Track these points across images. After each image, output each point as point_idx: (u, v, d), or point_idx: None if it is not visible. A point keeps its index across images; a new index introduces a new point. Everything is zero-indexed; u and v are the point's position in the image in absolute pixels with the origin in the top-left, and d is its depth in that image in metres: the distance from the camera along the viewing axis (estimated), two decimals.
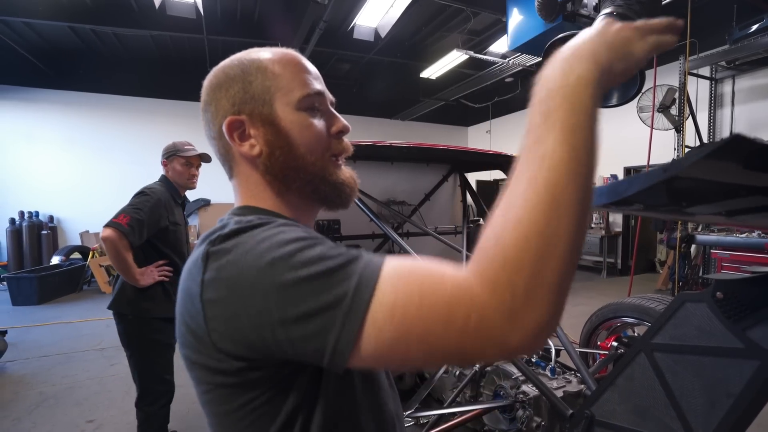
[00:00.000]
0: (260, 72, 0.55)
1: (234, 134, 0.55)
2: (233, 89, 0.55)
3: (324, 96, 0.58)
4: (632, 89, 1.61)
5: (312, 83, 0.57)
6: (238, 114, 0.55)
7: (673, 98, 4.73)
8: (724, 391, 0.84)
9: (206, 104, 0.57)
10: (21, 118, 7.05)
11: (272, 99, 0.55)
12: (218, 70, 0.57)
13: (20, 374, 3.24)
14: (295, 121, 0.55)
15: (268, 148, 0.55)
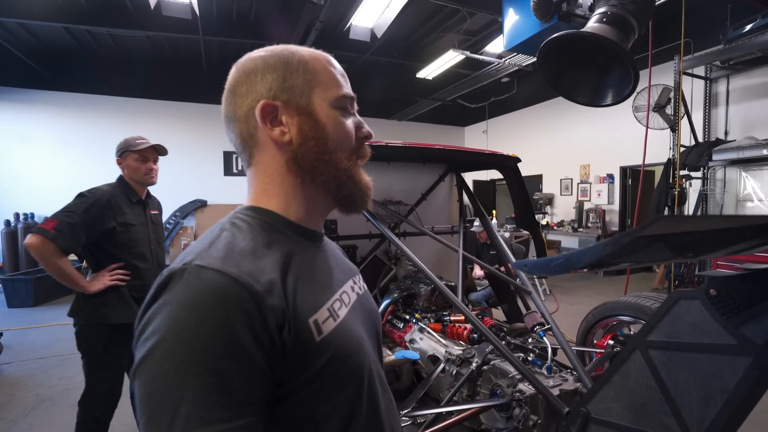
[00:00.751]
0: (302, 65, 0.57)
1: (266, 118, 0.55)
2: (271, 76, 0.55)
3: (354, 100, 0.61)
4: (626, 88, 1.60)
5: (347, 86, 0.60)
6: (273, 100, 0.55)
7: (669, 98, 4.76)
8: (718, 387, 0.85)
9: (237, 84, 0.56)
10: (16, 120, 7.00)
11: (311, 92, 0.56)
12: (255, 57, 0.57)
13: (16, 376, 3.22)
14: (330, 116, 0.57)
15: (301, 138, 0.55)
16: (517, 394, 1.39)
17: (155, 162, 1.95)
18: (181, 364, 0.39)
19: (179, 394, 0.38)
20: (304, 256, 0.56)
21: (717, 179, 5.51)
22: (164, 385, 0.39)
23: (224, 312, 0.42)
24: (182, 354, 0.39)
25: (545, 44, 1.48)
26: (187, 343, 0.40)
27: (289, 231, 0.56)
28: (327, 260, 0.61)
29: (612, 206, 7.31)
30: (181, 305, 0.42)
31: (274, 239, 0.53)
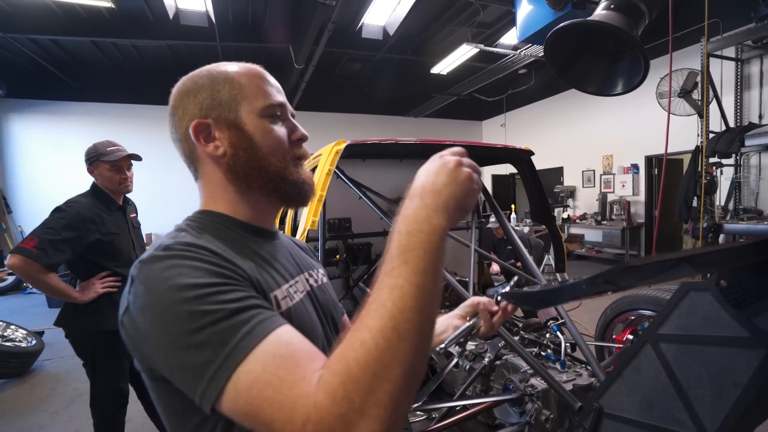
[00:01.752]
0: (227, 82, 0.60)
1: (200, 136, 0.60)
2: (201, 96, 0.60)
3: (285, 107, 0.64)
4: (637, 77, 1.56)
5: (274, 95, 0.62)
6: (205, 118, 0.60)
7: (695, 82, 4.54)
8: (731, 380, 0.83)
9: (174, 108, 0.62)
10: (51, 130, 7.40)
11: (238, 106, 0.60)
12: (187, 79, 0.63)
13: (56, 372, 3.44)
14: (258, 126, 0.60)
15: (232, 149, 0.59)
16: (530, 388, 1.38)
17: (129, 169, 1.87)
18: (188, 300, 0.44)
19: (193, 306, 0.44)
20: (256, 249, 0.60)
21: (751, 166, 5.23)
22: (186, 310, 0.44)
23: (197, 253, 0.49)
24: (184, 292, 0.45)
25: (552, 34, 1.45)
26: (180, 285, 0.45)
27: (239, 229, 0.61)
28: (277, 252, 0.65)
29: (637, 197, 7.05)
30: (163, 268, 0.47)
31: (227, 235, 0.58)
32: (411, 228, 0.44)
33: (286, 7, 5.89)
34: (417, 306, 0.39)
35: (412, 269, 0.41)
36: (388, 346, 0.38)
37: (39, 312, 5.48)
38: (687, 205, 4.53)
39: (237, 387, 0.41)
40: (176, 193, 7.99)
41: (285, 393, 0.39)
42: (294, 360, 0.42)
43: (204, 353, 0.42)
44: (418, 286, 0.40)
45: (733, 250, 0.64)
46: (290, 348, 0.43)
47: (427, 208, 0.45)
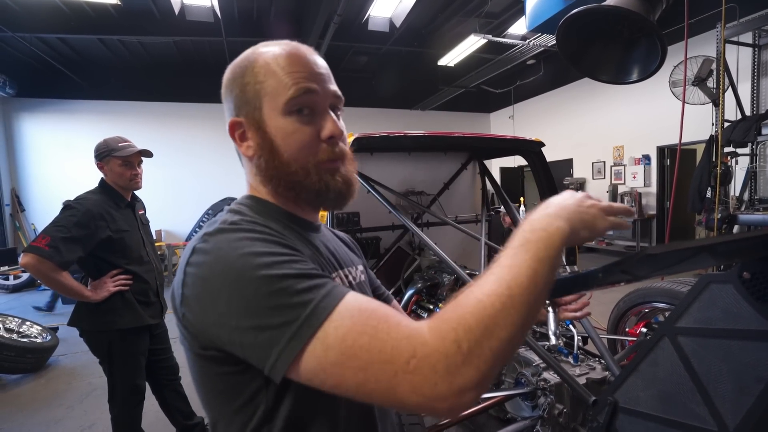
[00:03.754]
0: (252, 75, 0.56)
1: (236, 135, 0.58)
2: (235, 91, 0.58)
3: (316, 94, 0.56)
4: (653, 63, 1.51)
5: (302, 81, 0.55)
6: (237, 115, 0.58)
7: (710, 69, 4.42)
8: (753, 375, 0.80)
9: (223, 99, 0.61)
10: (61, 129, 7.50)
11: (261, 103, 0.56)
12: (228, 69, 0.60)
13: (71, 367, 3.50)
14: (280, 127, 0.55)
15: (258, 152, 0.57)
16: (542, 382, 1.37)
17: (140, 165, 1.88)
18: (263, 265, 0.45)
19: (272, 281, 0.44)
20: (302, 240, 0.59)
21: (767, 155, 5.09)
22: (261, 274, 0.44)
23: (265, 227, 0.51)
24: (258, 251, 0.46)
25: (564, 21, 1.41)
26: (254, 252, 0.46)
27: (283, 218, 0.60)
28: (319, 246, 0.64)
29: (649, 189, 6.94)
30: (234, 239, 0.48)
31: (275, 223, 0.57)
32: (534, 227, 0.48)
33: (292, 1, 5.86)
34: (531, 285, 0.42)
35: (531, 255, 0.44)
36: (502, 308, 0.41)
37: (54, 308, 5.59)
38: (701, 195, 4.43)
39: (326, 342, 0.41)
40: (186, 190, 8.07)
41: (383, 337, 0.41)
42: (382, 312, 0.43)
43: (283, 315, 0.42)
44: (534, 269, 0.43)
45: (756, 239, 0.61)
46: (372, 304, 0.45)
47: (550, 216, 0.49)
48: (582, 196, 0.54)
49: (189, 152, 8.10)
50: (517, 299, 0.41)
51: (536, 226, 0.48)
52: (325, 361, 0.41)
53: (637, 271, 0.53)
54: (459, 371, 0.39)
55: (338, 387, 0.43)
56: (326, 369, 0.42)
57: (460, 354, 0.39)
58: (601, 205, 0.54)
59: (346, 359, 0.41)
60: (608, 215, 0.53)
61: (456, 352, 0.39)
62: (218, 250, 0.47)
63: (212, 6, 5.07)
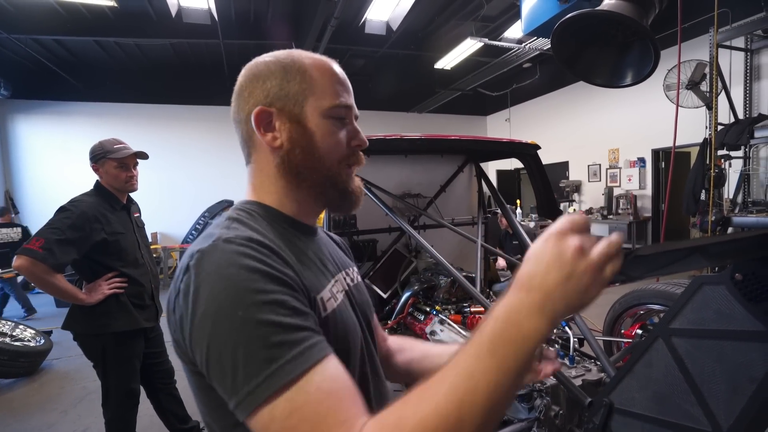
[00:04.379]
0: (299, 74, 0.59)
1: (261, 124, 0.59)
2: (270, 83, 0.59)
3: (351, 109, 0.62)
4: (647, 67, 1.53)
5: (343, 96, 0.61)
6: (269, 106, 0.58)
7: (703, 73, 4.47)
8: (746, 375, 0.81)
9: (241, 89, 0.61)
10: (57, 131, 7.46)
11: (305, 101, 0.58)
12: (260, 62, 0.61)
13: (65, 370, 3.47)
14: (320, 125, 0.59)
15: (290, 144, 0.58)
16: (538, 384, 1.37)
17: (135, 167, 1.87)
18: (245, 306, 0.44)
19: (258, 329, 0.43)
20: (299, 245, 0.60)
21: (760, 158, 5.15)
22: (242, 317, 0.43)
23: (258, 252, 0.49)
24: (242, 296, 0.45)
25: (559, 25, 1.43)
26: (240, 288, 0.45)
27: (284, 224, 0.60)
28: (320, 251, 0.65)
29: (644, 191, 6.99)
30: (225, 264, 0.47)
31: (275, 231, 0.58)
32: (511, 319, 0.40)
33: (289, 4, 5.87)
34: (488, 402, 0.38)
35: (496, 364, 0.39)
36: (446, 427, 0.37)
37: (47, 311, 5.55)
38: (695, 198, 4.47)
39: (273, 412, 0.41)
40: (182, 193, 8.04)
41: (323, 430, 0.40)
42: (337, 399, 0.42)
43: (248, 366, 0.42)
44: (496, 383, 0.38)
45: (748, 240, 0.62)
46: (335, 384, 0.43)
47: (531, 306, 0.40)
48: (571, 255, 0.39)
49: (185, 154, 8.08)
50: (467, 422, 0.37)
51: (511, 317, 0.40)
52: (269, 430, 0.41)
53: (629, 272, 0.53)
54: None
55: None
56: None
57: None
58: (595, 261, 0.39)
59: None
60: (604, 268, 0.39)
61: None
62: (207, 273, 0.47)
63: (209, 8, 5.07)
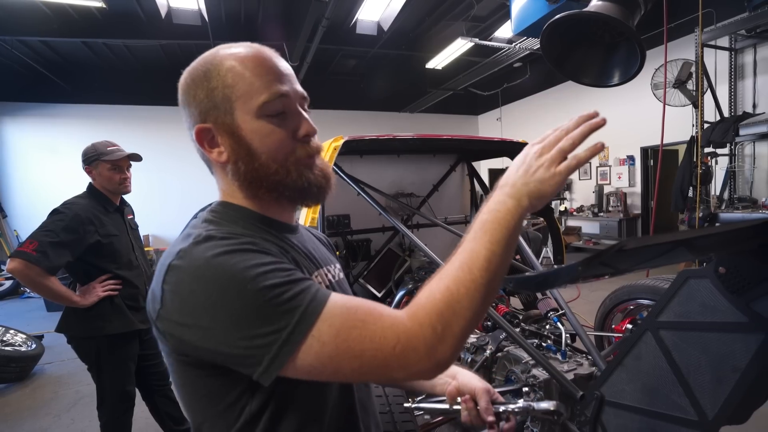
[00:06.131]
0: (220, 77, 0.55)
1: (204, 142, 0.57)
2: (199, 95, 0.56)
3: (289, 97, 0.57)
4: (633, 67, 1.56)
5: (274, 85, 0.56)
6: (204, 121, 0.56)
7: (690, 72, 4.55)
8: (730, 366, 0.84)
9: (182, 105, 0.59)
10: (45, 133, 7.35)
11: (233, 107, 0.55)
12: (187, 72, 0.59)
13: (58, 375, 3.43)
14: (255, 129, 0.55)
15: (233, 157, 0.57)
16: (531, 379, 1.39)
17: (128, 170, 1.87)
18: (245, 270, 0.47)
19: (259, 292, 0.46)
20: (276, 242, 0.59)
21: (745, 155, 5.26)
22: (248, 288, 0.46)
23: (240, 239, 0.51)
24: (240, 267, 0.47)
25: (547, 26, 1.46)
26: (237, 267, 0.47)
27: (260, 223, 0.60)
28: (299, 246, 0.65)
29: (634, 189, 7.09)
30: (212, 255, 0.48)
31: (252, 228, 0.58)
32: (491, 208, 0.52)
33: (279, 4, 5.85)
34: (489, 266, 0.49)
35: (488, 238, 0.50)
36: (467, 293, 0.48)
37: (38, 316, 5.47)
38: (683, 195, 4.56)
39: (321, 339, 0.46)
40: (174, 194, 7.97)
41: (371, 328, 0.47)
42: (365, 306, 0.49)
43: (273, 323, 0.45)
44: (491, 251, 0.49)
45: (731, 233, 0.64)
46: (356, 300, 0.50)
47: (504, 195, 0.52)
48: (532, 156, 0.53)
49: (176, 156, 7.99)
50: (479, 281, 0.48)
51: (491, 206, 0.52)
52: (323, 355, 0.46)
53: (616, 264, 0.55)
54: (436, 350, 0.47)
55: (336, 374, 0.48)
56: (324, 362, 0.47)
57: (435, 336, 0.47)
58: (548, 157, 0.52)
59: (341, 351, 0.46)
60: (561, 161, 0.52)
61: (432, 335, 0.47)
62: (196, 266, 0.47)
63: (199, 9, 5.04)
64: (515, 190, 0.52)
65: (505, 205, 0.51)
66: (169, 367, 0.55)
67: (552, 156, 0.52)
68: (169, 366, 0.55)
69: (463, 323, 0.48)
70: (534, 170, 0.52)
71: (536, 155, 0.53)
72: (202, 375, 0.51)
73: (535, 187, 0.51)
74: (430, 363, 0.47)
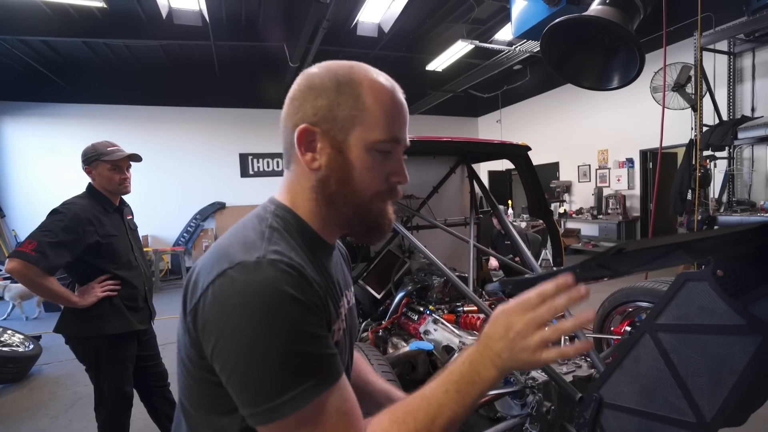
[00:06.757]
0: (352, 97, 0.56)
1: (302, 142, 0.57)
2: (321, 101, 0.56)
3: (400, 144, 0.60)
4: (632, 71, 1.57)
5: (393, 129, 0.58)
6: (315, 125, 0.56)
7: (688, 76, 4.57)
8: (728, 368, 0.84)
9: (294, 98, 0.59)
10: (45, 133, 7.33)
11: (351, 129, 0.56)
12: (316, 74, 0.58)
13: (55, 376, 3.42)
14: (361, 158, 0.57)
15: (327, 171, 0.58)
16: (530, 381, 1.40)
17: (128, 170, 1.87)
18: (281, 337, 0.48)
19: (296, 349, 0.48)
20: (325, 265, 0.61)
21: (744, 158, 5.28)
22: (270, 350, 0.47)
23: (298, 281, 0.51)
24: (283, 325, 0.48)
25: (548, 29, 1.47)
26: (282, 318, 0.48)
27: (312, 240, 0.61)
28: (335, 271, 0.66)
29: (633, 191, 7.10)
30: (269, 291, 0.49)
31: (304, 243, 0.59)
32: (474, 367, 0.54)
33: (281, 6, 5.86)
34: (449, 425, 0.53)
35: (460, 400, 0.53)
36: None
37: (36, 317, 5.45)
38: (682, 198, 4.57)
39: (301, 420, 0.48)
40: (173, 195, 7.96)
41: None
42: (349, 419, 0.52)
43: (277, 386, 0.47)
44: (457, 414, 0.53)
45: (729, 235, 0.65)
46: (347, 405, 0.52)
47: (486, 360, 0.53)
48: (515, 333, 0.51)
49: (176, 157, 8.01)
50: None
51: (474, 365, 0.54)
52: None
53: (614, 267, 0.55)
54: None
55: None
56: None
57: None
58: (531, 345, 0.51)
59: None
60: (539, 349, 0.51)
61: None
62: (249, 294, 0.48)
63: (200, 10, 5.05)
64: (501, 362, 0.52)
65: (488, 373, 0.53)
66: (180, 363, 0.56)
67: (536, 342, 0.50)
68: (180, 363, 0.56)
69: None
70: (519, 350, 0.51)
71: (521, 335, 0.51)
72: (210, 379, 0.52)
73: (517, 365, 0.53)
74: None
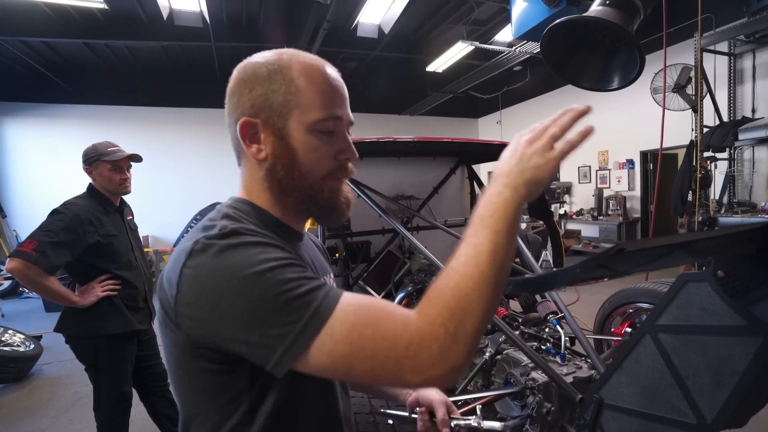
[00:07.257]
0: (285, 82, 0.56)
1: (246, 135, 0.58)
2: (256, 91, 0.57)
3: (341, 120, 0.60)
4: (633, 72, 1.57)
5: (331, 107, 0.58)
6: (255, 117, 0.57)
7: (689, 77, 4.57)
8: (729, 369, 0.84)
9: (231, 93, 0.59)
10: (45, 134, 7.35)
11: (289, 114, 0.56)
12: (249, 65, 0.59)
13: (56, 376, 3.42)
14: (304, 141, 0.57)
15: (273, 159, 0.58)
16: (530, 382, 1.39)
17: (129, 170, 1.88)
18: (265, 262, 0.48)
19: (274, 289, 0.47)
20: (292, 245, 0.61)
21: (744, 159, 5.28)
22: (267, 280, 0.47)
23: (262, 234, 0.53)
24: (261, 259, 0.48)
25: (548, 31, 1.47)
26: (259, 258, 0.48)
27: (274, 227, 0.61)
28: (306, 255, 0.66)
29: (633, 192, 7.10)
30: (236, 243, 0.50)
31: (267, 229, 0.59)
32: (489, 201, 0.51)
33: (281, 7, 5.87)
34: (494, 258, 0.48)
35: (489, 230, 0.49)
36: (475, 287, 0.47)
37: (36, 316, 5.46)
38: (682, 199, 4.56)
39: (334, 337, 0.46)
40: (174, 195, 7.97)
41: (383, 327, 0.46)
42: (377, 305, 0.49)
43: (289, 315, 0.46)
44: (494, 243, 0.48)
45: (730, 236, 0.65)
46: (367, 298, 0.50)
47: (501, 185, 0.52)
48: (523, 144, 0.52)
49: (176, 157, 8.02)
50: (486, 274, 0.47)
51: (488, 199, 0.52)
52: (336, 354, 0.46)
53: (614, 267, 0.55)
54: (450, 350, 0.46)
55: (349, 374, 0.48)
56: (337, 361, 0.46)
57: (448, 336, 0.45)
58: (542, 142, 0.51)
59: (354, 351, 0.46)
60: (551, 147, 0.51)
61: (444, 334, 0.45)
62: (220, 256, 0.48)
63: (201, 11, 5.06)
64: (511, 180, 0.51)
65: (502, 195, 0.51)
66: (170, 358, 0.55)
67: (544, 142, 0.51)
68: (169, 357, 0.56)
69: (474, 321, 0.46)
70: (528, 157, 0.51)
71: (527, 143, 0.52)
72: (204, 369, 0.52)
73: (531, 174, 0.51)
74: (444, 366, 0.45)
